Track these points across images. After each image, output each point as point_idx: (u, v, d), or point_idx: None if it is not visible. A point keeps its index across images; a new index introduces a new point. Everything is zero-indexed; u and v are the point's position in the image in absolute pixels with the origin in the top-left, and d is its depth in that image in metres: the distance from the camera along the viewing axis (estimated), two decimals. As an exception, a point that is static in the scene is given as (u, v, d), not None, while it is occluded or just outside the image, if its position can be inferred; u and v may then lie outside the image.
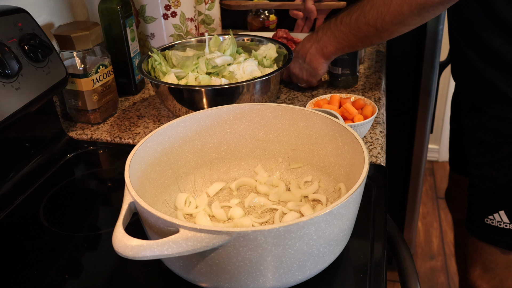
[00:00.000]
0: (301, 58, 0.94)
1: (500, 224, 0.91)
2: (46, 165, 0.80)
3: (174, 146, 0.65)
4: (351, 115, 0.79)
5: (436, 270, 1.82)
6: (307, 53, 0.92)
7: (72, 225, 0.67)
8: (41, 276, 0.58)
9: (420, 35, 1.37)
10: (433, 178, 2.35)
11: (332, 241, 0.50)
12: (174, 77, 0.87)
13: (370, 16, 0.79)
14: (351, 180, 0.58)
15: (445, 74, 2.24)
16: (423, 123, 1.50)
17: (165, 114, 0.95)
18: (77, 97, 0.89)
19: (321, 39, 0.89)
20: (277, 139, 0.69)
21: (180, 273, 0.52)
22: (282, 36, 1.13)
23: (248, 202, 0.66)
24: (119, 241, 0.44)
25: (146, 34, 1.10)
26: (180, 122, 0.65)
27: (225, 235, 0.44)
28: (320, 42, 0.89)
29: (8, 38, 0.73)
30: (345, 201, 0.47)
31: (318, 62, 0.91)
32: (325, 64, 0.93)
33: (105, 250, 0.62)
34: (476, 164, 0.94)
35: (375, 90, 1.01)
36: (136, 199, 0.49)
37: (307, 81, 0.97)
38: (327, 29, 0.89)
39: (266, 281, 0.49)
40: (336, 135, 0.62)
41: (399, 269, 0.63)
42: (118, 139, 0.88)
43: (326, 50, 0.89)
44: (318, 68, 0.92)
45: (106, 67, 0.91)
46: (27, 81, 0.74)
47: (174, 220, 0.45)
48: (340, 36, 0.86)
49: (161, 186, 0.64)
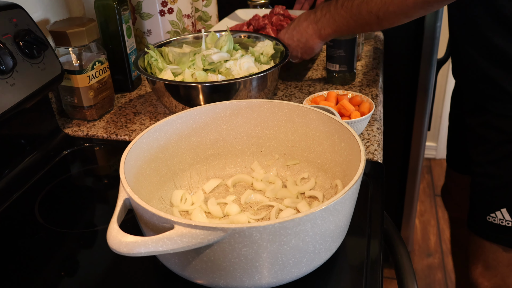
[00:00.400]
0: (296, 36, 0.93)
1: (502, 222, 0.90)
2: (41, 162, 0.80)
3: (170, 143, 0.65)
4: (348, 112, 0.79)
5: (433, 267, 1.83)
6: (304, 33, 0.91)
7: (67, 222, 0.67)
8: (36, 273, 0.57)
9: (418, 32, 1.37)
10: (430, 176, 2.35)
11: (328, 237, 0.49)
12: (170, 74, 0.87)
13: (373, 4, 0.78)
14: (347, 177, 0.58)
15: (442, 71, 2.25)
16: (420, 120, 1.50)
17: (162, 110, 0.95)
18: (73, 93, 0.89)
19: (320, 21, 0.89)
20: (273, 135, 0.69)
21: (176, 270, 0.52)
22: (279, 13, 1.12)
23: (245, 199, 0.66)
24: (113, 238, 0.44)
25: (143, 30, 1.10)
26: (176, 119, 0.65)
27: (220, 232, 0.44)
28: (319, 23, 0.89)
29: (3, 34, 0.72)
30: (341, 197, 0.47)
31: (314, 42, 0.91)
32: (321, 44, 0.93)
33: (100, 247, 0.61)
34: (479, 162, 0.94)
35: (372, 87, 1.01)
36: (131, 195, 0.49)
37: (301, 58, 0.98)
38: (326, 10, 0.88)
39: (262, 277, 0.48)
40: (333, 132, 0.62)
41: (396, 266, 0.63)
42: (114, 135, 0.87)
43: (324, 31, 0.89)
44: (314, 47, 0.93)
45: (102, 63, 0.91)
46: (22, 77, 0.74)
47: (169, 216, 0.45)
48: (339, 20, 0.85)
49: (157, 182, 0.63)
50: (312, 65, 1.13)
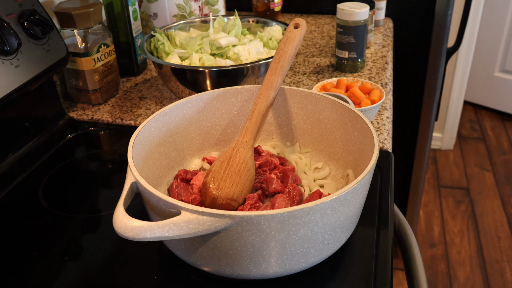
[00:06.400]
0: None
1: None
2: (45, 146, 0.79)
3: (179, 127, 0.64)
4: (358, 100, 0.78)
5: (437, 258, 1.82)
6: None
7: (72, 206, 0.66)
8: (40, 258, 0.57)
9: (428, 20, 1.34)
10: (435, 167, 2.33)
11: (338, 228, 0.48)
12: (177, 58, 0.85)
13: None
14: (359, 167, 0.57)
15: (450, 61, 2.22)
16: (428, 110, 1.48)
17: (168, 95, 0.94)
18: (77, 76, 0.88)
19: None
20: (285, 122, 0.68)
21: (182, 256, 0.51)
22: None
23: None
24: (119, 221, 0.43)
25: (149, 14, 1.08)
26: (186, 102, 0.63)
27: (227, 219, 0.43)
28: None
29: (7, 13, 0.71)
30: (353, 187, 0.46)
31: None
32: None
33: (105, 233, 0.61)
34: None
35: (381, 75, 0.99)
36: (138, 179, 0.48)
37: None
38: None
39: (269, 267, 0.47)
40: (346, 120, 0.60)
41: (404, 257, 0.62)
42: (120, 120, 0.86)
43: None
44: None
45: (108, 46, 0.89)
46: (26, 58, 0.72)
47: (175, 201, 0.44)
48: None
49: (165, 167, 0.62)
50: (320, 52, 1.11)
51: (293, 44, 0.62)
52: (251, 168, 0.58)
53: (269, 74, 0.61)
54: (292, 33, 0.62)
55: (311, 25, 1.31)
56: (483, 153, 2.41)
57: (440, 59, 1.39)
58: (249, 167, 0.58)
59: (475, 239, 1.90)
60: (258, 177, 0.60)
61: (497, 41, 2.48)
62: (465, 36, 2.13)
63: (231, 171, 0.56)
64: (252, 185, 0.59)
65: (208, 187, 0.55)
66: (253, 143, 0.60)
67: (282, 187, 0.58)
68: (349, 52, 0.97)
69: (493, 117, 2.68)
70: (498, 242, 1.88)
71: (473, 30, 2.15)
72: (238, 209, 0.55)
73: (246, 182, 0.57)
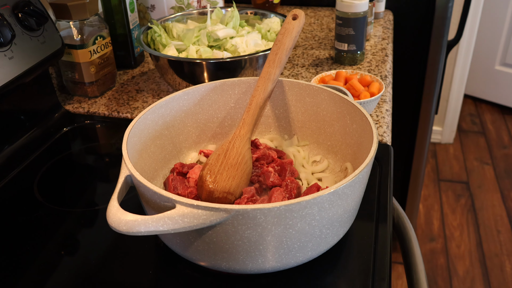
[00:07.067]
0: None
1: None
2: (41, 139, 0.78)
3: (176, 120, 0.63)
4: (357, 92, 0.77)
5: (436, 252, 1.82)
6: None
7: (67, 200, 0.65)
8: (36, 252, 0.56)
9: (428, 12, 1.33)
10: (435, 160, 2.33)
11: (336, 222, 0.48)
12: (174, 50, 0.84)
13: None
14: (358, 160, 0.56)
15: (451, 54, 2.21)
16: (428, 104, 1.47)
17: (165, 88, 0.93)
18: (73, 69, 0.87)
19: None
20: (283, 115, 0.67)
21: (178, 251, 0.50)
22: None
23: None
24: (113, 215, 0.42)
25: (146, 5, 1.07)
26: (182, 95, 0.63)
27: (223, 213, 0.42)
28: None
29: (1, 4, 0.70)
30: (351, 181, 0.45)
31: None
32: None
33: (101, 227, 0.60)
34: None
35: (381, 68, 0.98)
36: (132, 172, 0.47)
37: None
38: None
39: (266, 261, 0.47)
40: (345, 113, 0.60)
41: (403, 251, 0.61)
42: (116, 113, 0.85)
43: None
44: None
45: (104, 38, 0.88)
46: (21, 50, 0.71)
47: (170, 195, 0.43)
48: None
49: (161, 160, 0.61)
50: (319, 45, 1.10)
51: (291, 36, 0.61)
52: (248, 161, 0.57)
53: (266, 66, 0.60)
54: (290, 24, 0.61)
55: (310, 17, 1.30)
56: (483, 146, 2.40)
57: (440, 52, 1.37)
58: (246, 160, 0.57)
59: (474, 233, 1.90)
60: (256, 170, 0.59)
61: (498, 34, 2.46)
62: (465, 29, 2.12)
63: (228, 164, 0.55)
64: (249, 178, 0.58)
65: (205, 180, 0.54)
66: (250, 136, 0.59)
67: (279, 181, 0.57)
68: (349, 45, 0.96)
69: (494, 110, 2.67)
70: (497, 236, 1.88)
71: (473, 23, 2.13)
72: (235, 203, 0.54)
73: (243, 175, 0.56)
